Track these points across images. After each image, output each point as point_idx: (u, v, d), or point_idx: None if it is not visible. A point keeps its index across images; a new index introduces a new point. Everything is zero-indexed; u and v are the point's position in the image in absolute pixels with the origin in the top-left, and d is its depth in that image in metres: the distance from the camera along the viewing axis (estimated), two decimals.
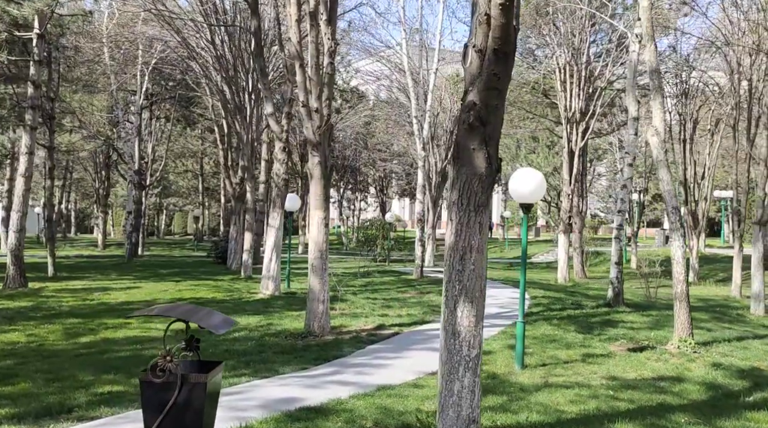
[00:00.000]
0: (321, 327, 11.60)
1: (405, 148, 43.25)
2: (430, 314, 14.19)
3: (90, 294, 17.19)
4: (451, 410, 6.01)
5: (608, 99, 26.17)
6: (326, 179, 11.81)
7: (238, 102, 22.30)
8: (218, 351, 10.23)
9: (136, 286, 19.14)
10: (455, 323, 6.05)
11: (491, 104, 5.96)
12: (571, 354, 10.37)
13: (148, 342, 10.96)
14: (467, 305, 6.08)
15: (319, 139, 11.61)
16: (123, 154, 34.06)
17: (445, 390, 6.07)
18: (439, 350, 6.27)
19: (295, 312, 14.25)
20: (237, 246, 26.17)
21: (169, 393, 4.70)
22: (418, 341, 11.26)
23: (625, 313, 14.85)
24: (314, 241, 11.74)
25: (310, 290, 11.75)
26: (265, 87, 17.28)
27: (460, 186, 6.03)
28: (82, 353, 10.07)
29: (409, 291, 18.57)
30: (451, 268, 6.07)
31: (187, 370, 4.96)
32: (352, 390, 7.91)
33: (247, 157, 22.49)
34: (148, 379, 4.83)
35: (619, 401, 7.83)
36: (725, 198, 47.26)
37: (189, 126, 45.76)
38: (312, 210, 11.80)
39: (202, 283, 19.86)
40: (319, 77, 11.54)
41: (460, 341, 6.05)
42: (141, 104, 32.54)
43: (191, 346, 5.12)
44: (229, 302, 15.92)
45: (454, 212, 6.07)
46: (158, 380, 4.77)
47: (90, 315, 13.68)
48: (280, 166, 17.18)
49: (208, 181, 57.63)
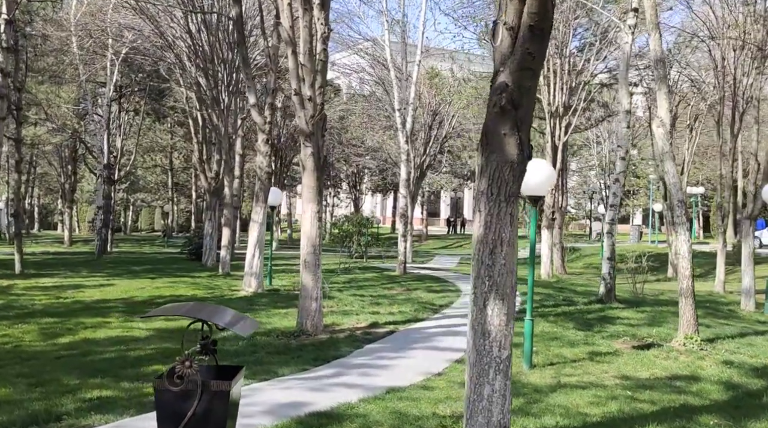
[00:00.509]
0: (314, 326, 11.11)
1: (380, 143, 42.77)
2: (422, 311, 13.77)
3: (63, 291, 16.43)
4: (481, 416, 5.57)
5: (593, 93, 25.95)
6: (319, 171, 11.31)
7: (215, 94, 21.62)
8: None
9: (110, 283, 18.40)
10: (485, 322, 5.61)
11: (524, 86, 5.54)
12: (577, 353, 10.02)
13: (132, 342, 10.36)
14: (498, 302, 5.64)
15: (312, 128, 11.10)
16: (92, 147, 33.09)
17: (474, 395, 5.63)
18: (467, 351, 5.82)
19: (282, 310, 13.72)
20: (212, 242, 25.49)
21: (187, 403, 4.18)
22: (417, 340, 10.82)
23: (619, 309, 14.59)
24: (307, 236, 11.23)
25: (303, 287, 11.24)
26: (247, 77, 16.69)
27: (489, 174, 5.60)
28: (62, 355, 9.45)
29: (395, 287, 18.12)
30: (480, 263, 5.63)
31: (204, 376, 4.42)
32: (361, 393, 7.44)
33: (225, 151, 21.83)
34: (165, 387, 4.29)
35: (640, 402, 7.47)
36: (695, 194, 47.70)
37: (159, 119, 44.77)
38: (304, 203, 11.28)
39: (179, 280, 19.19)
40: (313, 64, 11.03)
41: (490, 341, 5.61)
42: (110, 96, 31.58)
43: (208, 349, 4.57)
44: (211, 300, 15.30)
45: (483, 202, 5.63)
46: (176, 388, 4.23)
47: (66, 314, 12.99)
48: (263, 158, 16.60)
49: (178, 177, 56.54)
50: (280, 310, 13.73)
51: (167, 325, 11.83)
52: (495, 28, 5.68)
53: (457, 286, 18.54)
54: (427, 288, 17.93)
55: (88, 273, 21.81)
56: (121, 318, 12.58)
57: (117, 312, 13.39)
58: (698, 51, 25.58)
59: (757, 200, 16.09)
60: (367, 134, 42.57)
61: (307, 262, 11.20)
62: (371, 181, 57.84)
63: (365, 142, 44.34)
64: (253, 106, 16.53)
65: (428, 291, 17.16)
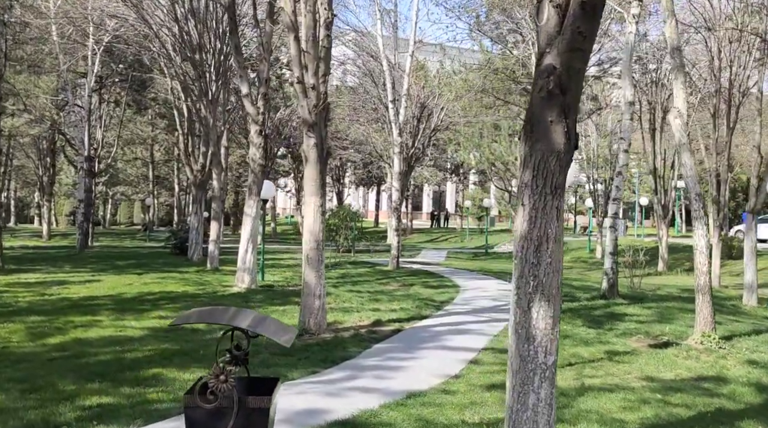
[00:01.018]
0: (317, 324, 10.64)
1: (365, 135, 42.24)
2: (424, 308, 13.34)
3: (47, 288, 15.78)
4: (525, 427, 5.17)
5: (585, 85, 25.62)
6: (323, 163, 10.83)
7: (203, 84, 20.97)
8: (209, 353, 9.17)
9: (95, 279, 17.76)
10: (529, 325, 5.18)
11: (574, 68, 5.10)
12: (594, 352, 9.64)
13: (127, 342, 9.83)
14: (543, 304, 5.22)
15: (316, 118, 10.61)
16: (72, 139, 32.24)
17: (517, 404, 5.22)
18: (509, 357, 5.40)
19: (279, 307, 13.23)
20: (198, 236, 24.89)
21: (222, 422, 3.69)
22: (426, 339, 10.38)
23: (624, 305, 14.25)
24: (310, 231, 10.74)
25: (305, 284, 10.76)
26: (239, 66, 16.14)
27: (534, 164, 5.17)
28: (55, 357, 8.89)
29: (391, 282, 17.69)
30: (524, 261, 5.20)
31: (237, 390, 3.93)
32: (380, 399, 6.99)
33: (213, 143, 21.21)
34: (196, 403, 3.79)
35: (674, 406, 7.11)
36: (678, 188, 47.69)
37: (140, 111, 43.87)
38: (307, 196, 10.79)
39: (167, 276, 18.58)
40: (316, 51, 10.53)
41: (535, 346, 5.18)
42: (91, 86, 30.75)
43: (239, 359, 4.07)
44: (203, 296, 14.78)
45: (527, 195, 5.20)
46: (209, 405, 3.74)
47: (53, 312, 12.39)
48: (256, 150, 16.05)
49: (159, 169, 55.60)
50: (278, 307, 13.23)
51: (162, 324, 11.32)
52: (540, 5, 5.25)
53: (454, 282, 18.14)
54: (423, 283, 17.51)
55: (72, 268, 21.14)
56: (111, 317, 12.02)
57: (107, 309, 12.82)
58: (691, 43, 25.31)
59: (760, 193, 15.84)
60: (351, 127, 42.04)
61: (310, 258, 10.72)
62: (355, 175, 57.32)
63: (349, 135, 43.84)
64: (245, 96, 15.99)
65: (426, 287, 16.74)
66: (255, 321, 3.83)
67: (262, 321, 3.93)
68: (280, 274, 19.72)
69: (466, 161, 49.32)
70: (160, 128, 50.05)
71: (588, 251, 36.32)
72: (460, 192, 65.48)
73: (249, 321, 3.81)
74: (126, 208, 76.64)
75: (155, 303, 13.69)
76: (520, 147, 5.42)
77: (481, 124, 42.72)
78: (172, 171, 55.19)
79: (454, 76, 29.56)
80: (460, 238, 47.63)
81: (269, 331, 3.83)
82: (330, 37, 10.81)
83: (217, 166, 21.36)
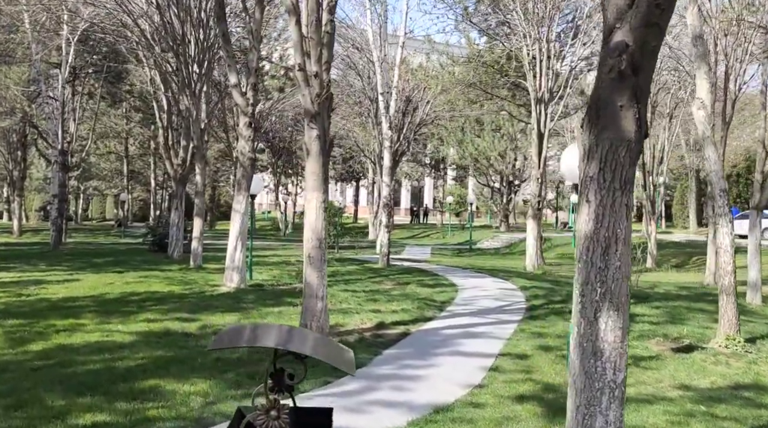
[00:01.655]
0: (320, 328, 9.97)
1: (347, 130, 41.55)
2: (426, 309, 12.72)
3: (24, 288, 14.90)
4: None
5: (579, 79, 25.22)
6: (325, 156, 10.15)
7: (186, 75, 20.13)
8: (207, 361, 8.50)
9: (74, 279, 16.88)
10: (596, 338, 4.58)
11: (648, 45, 4.52)
12: None
13: (117, 349, 9.08)
14: (612, 314, 4.61)
15: (318, 108, 9.93)
16: (45, 132, 31.12)
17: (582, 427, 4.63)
18: (571, 374, 4.81)
19: (273, 309, 12.54)
20: (179, 232, 24.04)
21: None
22: (437, 344, 9.76)
23: (631, 305, 13.72)
24: (311, 228, 10.06)
25: (307, 285, 10.08)
26: (228, 55, 15.36)
27: (600, 156, 4.58)
28: (38, 366, 8.14)
29: (384, 281, 17.04)
30: (589, 265, 4.60)
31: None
32: (406, 415, 6.37)
33: (197, 136, 20.37)
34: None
35: (722, 420, 6.58)
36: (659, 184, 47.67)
37: (115, 104, 42.69)
38: (309, 191, 10.11)
39: (150, 274, 17.75)
40: (319, 36, 9.84)
41: (603, 362, 4.58)
42: (65, 77, 29.66)
43: (281, 385, 3.37)
44: (191, 297, 14.02)
45: (593, 191, 4.61)
46: None
47: (32, 315, 11.58)
48: (245, 143, 15.30)
49: (134, 164, 54.31)
50: (272, 309, 12.54)
51: (150, 328, 10.59)
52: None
53: (449, 280, 17.56)
54: (419, 282, 16.89)
55: (47, 266, 20.21)
56: (96, 320, 11.24)
57: (89, 311, 12.03)
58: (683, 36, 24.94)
59: (764, 190, 15.46)
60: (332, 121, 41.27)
61: (312, 257, 10.04)
62: (334, 170, 56.54)
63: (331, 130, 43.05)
64: (234, 87, 15.23)
65: (422, 286, 16.13)
66: (315, 344, 3.16)
67: (322, 344, 3.26)
68: (267, 272, 18.99)
69: (448, 156, 48.91)
70: (135, 122, 48.85)
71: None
72: (439, 187, 65.04)
73: (309, 343, 3.13)
74: (98, 204, 75.02)
75: (141, 304, 12.91)
76: (582, 136, 4.82)
77: (464, 119, 42.28)
78: (147, 165, 53.99)
79: (441, 69, 29.02)
80: (441, 235, 47.08)
81: (331, 356, 3.16)
82: (333, 22, 10.14)
83: (200, 160, 20.55)
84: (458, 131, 44.20)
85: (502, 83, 27.46)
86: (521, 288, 16.05)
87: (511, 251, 37.21)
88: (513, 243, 39.46)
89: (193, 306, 12.72)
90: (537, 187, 22.44)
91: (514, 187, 47.21)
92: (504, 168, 44.97)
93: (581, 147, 4.80)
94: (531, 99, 22.36)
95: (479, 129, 44.37)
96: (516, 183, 47.09)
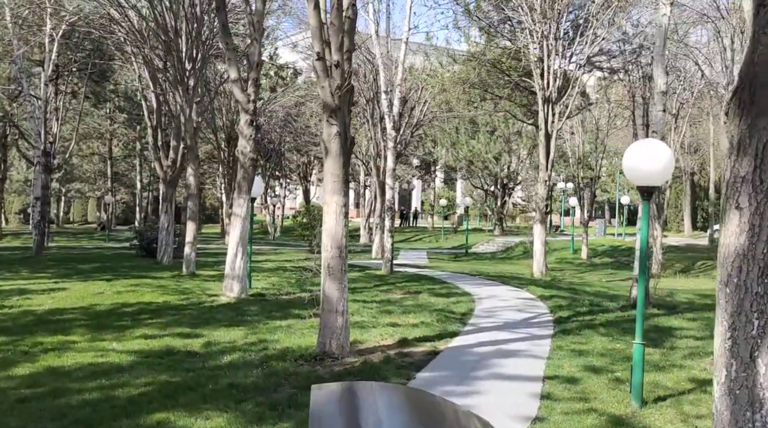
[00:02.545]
0: (340, 347, 8.96)
1: None
2: (447, 322, 11.73)
3: (5, 299, 13.74)
4: None
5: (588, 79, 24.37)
6: (346, 155, 9.14)
7: (178, 72, 19.04)
8: (219, 387, 7.46)
9: (60, 288, 15.70)
10: (754, 384, 3.60)
11: None
12: (676, 380, 8.17)
13: (114, 373, 8.02)
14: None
15: (339, 102, 8.93)
16: (27, 133, 29.82)
17: None
18: (714, 423, 3.85)
19: (280, 322, 11.51)
20: (169, 237, 22.92)
21: None
22: (473, 365, 8.76)
23: (663, 317, 12.86)
24: (331, 235, 9.05)
25: (326, 298, 9.07)
26: (228, 48, 14.32)
27: (756, 150, 3.60)
28: (26, 395, 7.07)
29: (393, 290, 16.04)
30: (743, 290, 3.63)
31: None
32: None
33: (189, 135, 19.27)
34: None
35: None
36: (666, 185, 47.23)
37: (99, 103, 41.38)
38: (328, 195, 9.09)
39: (141, 282, 16.63)
40: (340, 22, 8.84)
41: (762, 415, 3.61)
42: (48, 75, 28.38)
43: None
44: (189, 308, 12.94)
45: (745, 195, 3.63)
46: None
47: (16, 331, 10.48)
48: (246, 142, 14.23)
49: (117, 166, 52.91)
50: (279, 322, 11.51)
51: (149, 345, 9.53)
52: None
53: (461, 288, 16.58)
54: (429, 291, 15.90)
55: (30, 273, 19.03)
56: (87, 336, 10.17)
57: (79, 326, 10.95)
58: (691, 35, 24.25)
59: None
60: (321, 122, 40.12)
61: (332, 267, 9.02)
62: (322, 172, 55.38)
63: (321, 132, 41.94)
64: (235, 82, 14.18)
65: (435, 295, 15.13)
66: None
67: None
68: (264, 280, 17.95)
69: (442, 158, 47.92)
70: (119, 122, 47.57)
71: (572, 251, 35.16)
72: (429, 189, 64.14)
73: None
74: (80, 206, 73.35)
75: (136, 317, 11.83)
76: (728, 125, 3.85)
77: (458, 120, 41.38)
78: (132, 167, 52.64)
79: (440, 68, 28.11)
80: (434, 238, 46.16)
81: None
82: (355, 7, 9.12)
83: (193, 161, 19.46)
84: (453, 132, 43.29)
85: (503, 83, 26.58)
86: (540, 297, 15.11)
87: (508, 255, 36.37)
88: (509, 247, 38.64)
89: (194, 320, 11.67)
90: (545, 190, 21.53)
91: (509, 189, 46.39)
92: (499, 170, 44.14)
93: (727, 138, 3.82)
94: (538, 98, 21.44)
95: (474, 130, 43.50)
96: (510, 185, 46.27)
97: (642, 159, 7.01)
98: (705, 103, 33.94)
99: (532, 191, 61.33)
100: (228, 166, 37.60)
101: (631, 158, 7.07)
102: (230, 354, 9.03)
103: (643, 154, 7.02)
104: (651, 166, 6.95)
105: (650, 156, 6.98)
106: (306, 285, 16.63)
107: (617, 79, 29.15)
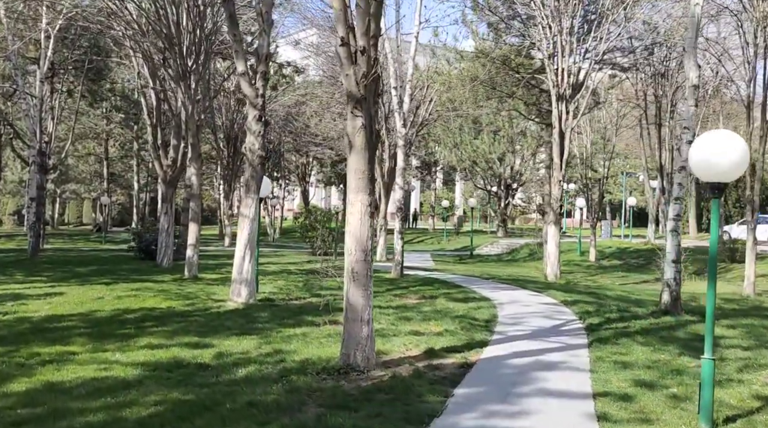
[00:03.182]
0: (365, 359, 8.20)
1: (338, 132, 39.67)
2: (473, 330, 10.97)
3: (0, 304, 12.99)
4: None
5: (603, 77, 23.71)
6: (372, 150, 8.40)
7: (180, 67, 18.26)
8: (238, 406, 6.71)
9: (57, 292, 14.91)
10: None
11: None
12: (739, 397, 7.44)
13: (121, 390, 7.25)
14: None
15: (365, 92, 8.17)
16: (22, 132, 29.00)
17: None
18: None
19: (295, 330, 10.74)
20: (169, 238, 22.16)
21: None
22: (513, 379, 7.99)
23: (700, 324, 12.09)
24: (355, 237, 8.30)
25: (350, 306, 8.31)
26: (235, 40, 13.58)
27: None
28: (23, 418, 6.30)
29: (407, 295, 15.29)
30: None
31: None
32: None
33: (192, 134, 18.50)
34: None
35: None
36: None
37: (96, 102, 40.55)
38: (352, 193, 8.33)
39: (142, 287, 15.85)
40: (367, 4, 8.10)
41: None
42: (44, 73, 27.57)
43: None
44: (196, 314, 12.17)
45: None
46: None
47: (11, 341, 9.70)
48: (255, 139, 13.47)
49: (114, 166, 52.07)
50: (293, 330, 10.74)
51: (156, 357, 8.77)
52: None
53: (478, 293, 15.83)
54: (445, 295, 15.15)
55: (25, 276, 18.26)
56: (88, 346, 9.40)
57: (79, 335, 10.18)
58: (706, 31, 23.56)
59: None
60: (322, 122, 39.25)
61: (356, 272, 8.26)
62: (322, 173, 54.65)
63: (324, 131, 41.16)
64: (242, 75, 13.44)
65: (452, 300, 14.38)
66: None
67: None
68: (271, 284, 17.20)
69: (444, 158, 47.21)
70: (116, 122, 46.77)
71: (579, 254, 34.45)
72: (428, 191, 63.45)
73: None
74: (75, 207, 72.41)
75: (139, 325, 11.06)
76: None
77: (462, 120, 40.66)
78: (128, 168, 51.84)
79: (447, 65, 27.42)
80: (436, 240, 45.44)
81: None
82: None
83: (196, 160, 18.68)
84: (456, 132, 42.59)
85: (511, 81, 25.90)
86: (563, 302, 14.38)
87: (514, 258, 35.68)
88: (514, 249, 37.94)
89: (201, 327, 10.90)
90: (558, 190, 20.83)
91: (512, 190, 45.70)
92: (503, 171, 43.45)
93: None
94: (552, 95, 20.75)
95: (477, 130, 42.82)
96: (514, 186, 45.59)
97: (712, 152, 6.28)
98: (715, 101, 33.30)
99: (533, 192, 60.75)
100: (227, 167, 36.86)
101: (700, 151, 6.33)
102: (245, 367, 8.27)
103: (714, 147, 6.29)
104: (723, 159, 6.22)
105: (723, 148, 6.25)
106: (315, 290, 15.92)
107: (626, 77, 28.48)
